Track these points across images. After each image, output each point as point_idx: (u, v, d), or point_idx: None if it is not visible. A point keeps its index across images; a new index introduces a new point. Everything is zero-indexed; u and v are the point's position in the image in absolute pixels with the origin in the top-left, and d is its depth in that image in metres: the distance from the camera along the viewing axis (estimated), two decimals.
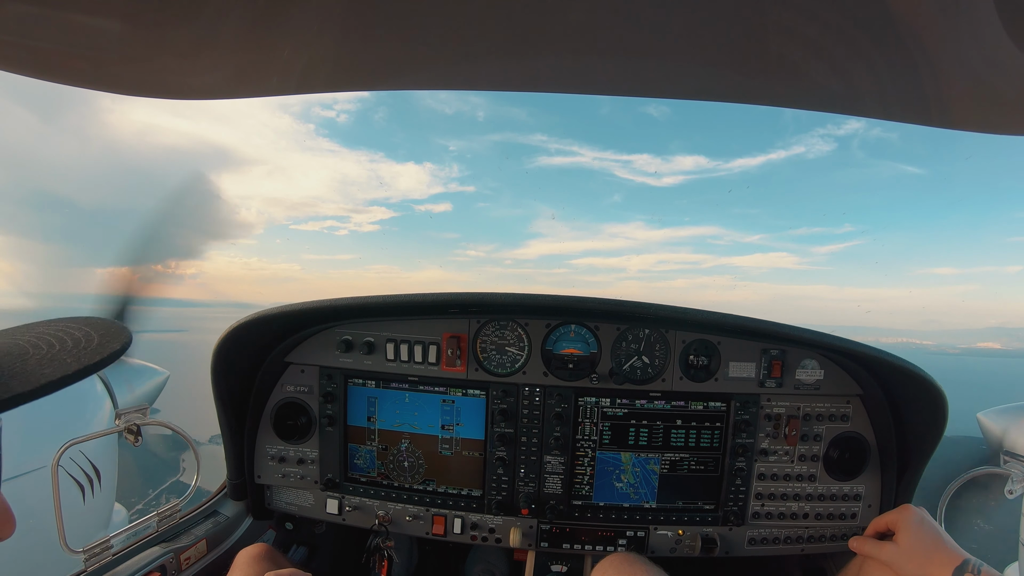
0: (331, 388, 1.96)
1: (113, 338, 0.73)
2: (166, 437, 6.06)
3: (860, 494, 1.89)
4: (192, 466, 1.87)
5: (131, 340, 0.75)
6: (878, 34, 0.92)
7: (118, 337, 0.74)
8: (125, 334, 0.75)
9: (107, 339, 0.73)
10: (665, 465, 1.90)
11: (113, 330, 0.76)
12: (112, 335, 0.74)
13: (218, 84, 1.13)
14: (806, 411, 1.87)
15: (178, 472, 6.40)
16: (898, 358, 1.66)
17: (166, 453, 6.42)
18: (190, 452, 1.90)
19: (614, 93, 1.32)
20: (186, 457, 6.70)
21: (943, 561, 1.40)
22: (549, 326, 1.89)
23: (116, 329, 0.76)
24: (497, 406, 1.90)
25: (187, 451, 7.19)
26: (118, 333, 0.75)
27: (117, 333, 0.75)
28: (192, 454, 1.90)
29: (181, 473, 6.39)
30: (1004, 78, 0.93)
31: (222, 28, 0.95)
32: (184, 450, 6.56)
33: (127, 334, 0.75)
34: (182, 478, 6.42)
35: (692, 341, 1.87)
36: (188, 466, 6.56)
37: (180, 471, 6.44)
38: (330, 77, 1.18)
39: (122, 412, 1.72)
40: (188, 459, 7.05)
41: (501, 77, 1.19)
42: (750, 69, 1.11)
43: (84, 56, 0.98)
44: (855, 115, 1.19)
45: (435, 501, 1.96)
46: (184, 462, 6.46)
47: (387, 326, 1.94)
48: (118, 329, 0.76)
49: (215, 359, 1.78)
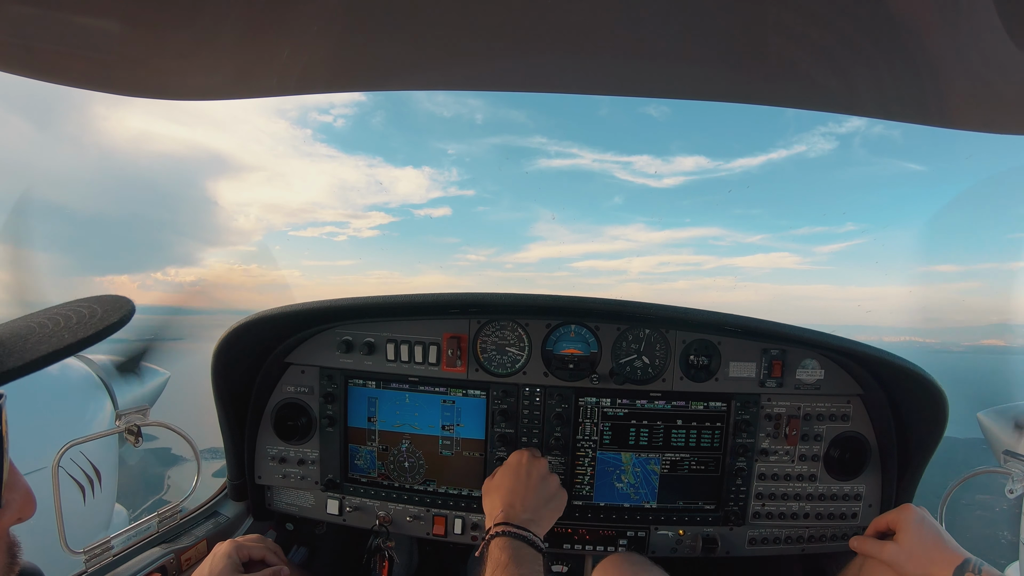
0: (331, 388, 1.96)
1: (114, 311, 0.75)
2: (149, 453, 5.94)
3: (861, 494, 1.89)
4: (175, 484, 1.87)
5: (132, 311, 0.77)
6: (878, 34, 0.92)
7: (119, 310, 0.76)
8: (127, 305, 0.77)
9: (109, 313, 0.75)
10: (665, 465, 1.90)
11: (117, 303, 0.78)
12: (114, 308, 0.76)
13: (218, 85, 1.13)
14: (806, 411, 1.87)
15: (162, 490, 6.21)
16: (898, 357, 1.66)
17: (150, 470, 6.24)
18: (175, 468, 1.90)
19: (614, 93, 1.32)
20: (171, 474, 6.49)
21: (944, 561, 1.40)
22: (549, 326, 1.89)
23: (119, 303, 0.78)
24: (497, 406, 1.90)
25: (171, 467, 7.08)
26: (120, 306, 0.77)
27: (119, 306, 0.77)
28: (181, 466, 1.90)
29: (165, 491, 6.19)
30: (1004, 78, 0.93)
31: (221, 29, 0.95)
32: (169, 466, 6.38)
33: (129, 305, 0.78)
34: (165, 496, 6.21)
35: (692, 341, 1.87)
36: (173, 483, 6.34)
37: (164, 488, 6.24)
38: (330, 77, 1.18)
39: (122, 413, 1.72)
40: (173, 475, 6.83)
41: (501, 77, 1.19)
42: (750, 69, 1.11)
43: (84, 57, 0.98)
44: (855, 115, 1.19)
45: (436, 501, 1.96)
46: (169, 479, 6.27)
47: (387, 326, 1.93)
48: (122, 302, 0.79)
49: (215, 359, 1.78)
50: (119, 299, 0.80)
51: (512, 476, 1.60)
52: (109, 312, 0.75)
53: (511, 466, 1.65)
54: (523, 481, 1.57)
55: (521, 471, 1.61)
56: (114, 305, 0.77)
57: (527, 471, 1.60)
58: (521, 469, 1.61)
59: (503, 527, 1.40)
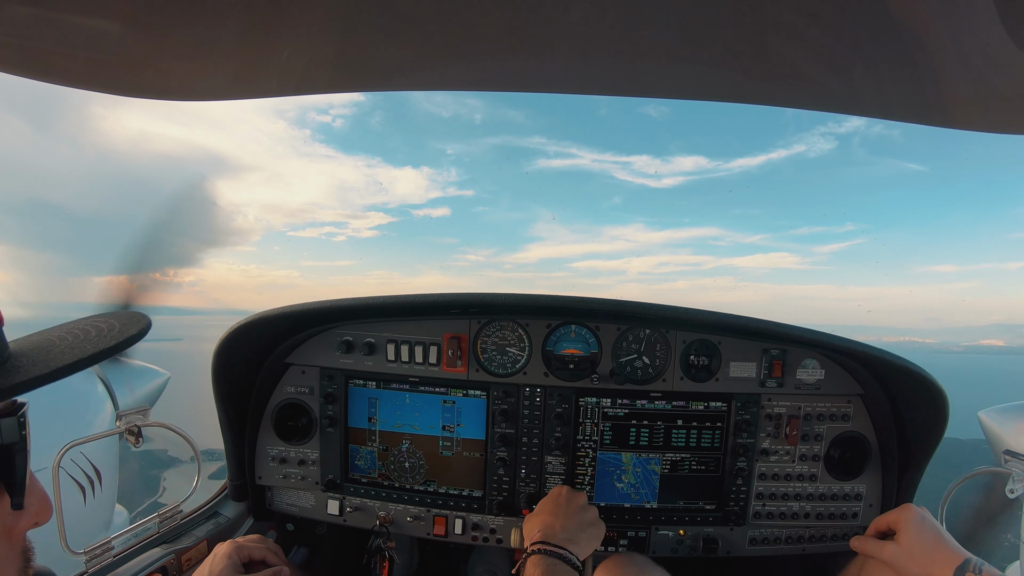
0: (332, 389, 1.96)
1: (132, 325, 0.80)
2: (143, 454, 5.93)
3: (861, 494, 1.89)
4: (171, 484, 1.87)
5: (149, 325, 0.81)
6: (878, 34, 0.92)
7: (137, 324, 0.81)
8: (144, 321, 0.82)
9: (127, 326, 0.79)
10: (666, 465, 1.90)
11: (134, 318, 0.83)
12: (132, 323, 0.81)
13: (219, 85, 1.13)
14: (807, 411, 1.87)
15: (157, 492, 6.19)
16: (899, 357, 1.66)
17: (145, 471, 6.22)
18: (170, 471, 1.90)
19: (613, 93, 1.32)
20: (167, 476, 6.48)
21: (944, 560, 1.39)
22: (550, 326, 1.89)
23: (137, 317, 0.83)
24: (498, 406, 1.90)
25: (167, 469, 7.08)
26: (138, 320, 0.82)
27: (137, 320, 0.82)
28: (177, 468, 1.90)
29: (160, 494, 6.18)
30: (1004, 77, 0.92)
31: (222, 29, 0.95)
32: (164, 468, 6.35)
33: (146, 320, 0.82)
34: (161, 499, 6.21)
35: (693, 341, 1.86)
36: (169, 485, 6.33)
37: (160, 491, 6.23)
38: (330, 78, 1.18)
39: (123, 413, 1.72)
40: (169, 477, 6.82)
41: (501, 78, 1.19)
42: (750, 69, 1.11)
43: (84, 58, 0.98)
44: (855, 115, 1.19)
45: (436, 502, 1.96)
46: (165, 480, 6.26)
47: (388, 327, 1.94)
48: (138, 317, 0.84)
49: (216, 360, 1.78)
50: (135, 314, 0.84)
51: (552, 504, 1.66)
52: (127, 326, 0.79)
53: (551, 497, 1.71)
54: (562, 508, 1.62)
55: (560, 500, 1.66)
56: (131, 320, 0.82)
57: (566, 500, 1.66)
58: (560, 499, 1.67)
59: (539, 545, 1.44)
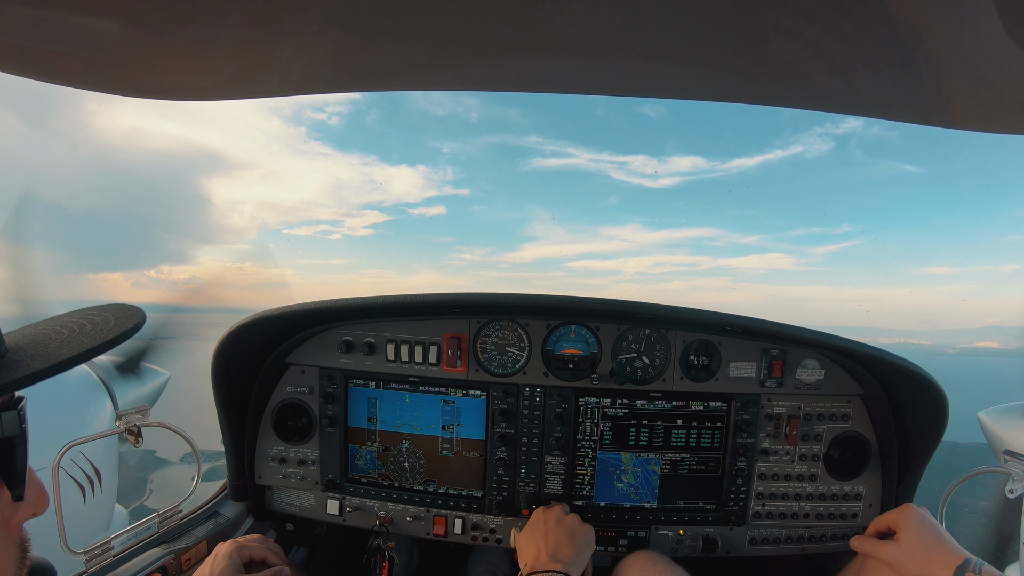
0: (331, 389, 1.96)
1: (127, 318, 0.81)
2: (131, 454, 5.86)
3: (861, 494, 1.89)
4: (158, 487, 1.87)
5: (144, 319, 0.82)
6: (878, 34, 0.92)
7: (132, 317, 0.82)
8: (138, 314, 0.83)
9: (122, 320, 0.80)
10: (666, 465, 1.90)
11: (127, 312, 0.84)
12: (126, 316, 0.82)
13: (218, 85, 1.13)
14: (807, 411, 1.87)
15: (143, 495, 6.07)
16: (899, 357, 1.66)
17: (131, 474, 6.10)
18: (157, 472, 1.90)
19: (611, 93, 1.31)
20: (154, 478, 6.40)
21: (944, 561, 1.39)
22: (549, 326, 1.89)
23: (130, 311, 0.84)
24: (498, 406, 1.90)
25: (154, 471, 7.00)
26: (132, 314, 0.83)
27: (132, 314, 0.83)
28: (164, 469, 1.90)
29: (146, 496, 6.07)
30: (1004, 77, 0.92)
31: (222, 29, 0.95)
32: (152, 470, 6.30)
33: (140, 314, 0.83)
34: (147, 502, 6.11)
35: (692, 341, 1.86)
36: (155, 487, 6.24)
37: (146, 493, 6.12)
38: (330, 78, 1.18)
39: (122, 413, 1.72)
40: (156, 479, 6.75)
41: (499, 77, 1.19)
42: (749, 69, 1.11)
43: (83, 58, 0.98)
44: (855, 115, 1.19)
45: (436, 502, 1.96)
46: (152, 483, 6.15)
47: (387, 327, 1.93)
48: (132, 310, 0.85)
49: (215, 359, 1.78)
50: (129, 307, 0.85)
51: (531, 531, 1.69)
52: (122, 319, 0.80)
53: (531, 524, 1.73)
54: (540, 530, 1.66)
55: (539, 525, 1.69)
56: (125, 313, 0.83)
57: (544, 522, 1.69)
58: (539, 523, 1.70)
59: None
